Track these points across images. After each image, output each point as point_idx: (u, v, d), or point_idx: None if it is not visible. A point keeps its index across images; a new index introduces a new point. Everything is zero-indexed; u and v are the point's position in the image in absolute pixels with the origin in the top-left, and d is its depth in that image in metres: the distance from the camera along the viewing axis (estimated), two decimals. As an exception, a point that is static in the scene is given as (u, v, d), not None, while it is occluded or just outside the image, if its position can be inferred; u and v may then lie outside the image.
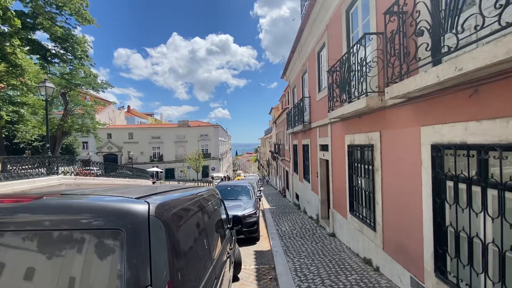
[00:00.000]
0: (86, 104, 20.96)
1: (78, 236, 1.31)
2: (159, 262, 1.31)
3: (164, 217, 1.46)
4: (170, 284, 1.33)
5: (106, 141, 41.41)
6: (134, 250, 1.27)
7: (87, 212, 1.36)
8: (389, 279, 4.14)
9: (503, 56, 1.79)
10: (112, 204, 1.41)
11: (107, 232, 1.30)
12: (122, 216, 1.34)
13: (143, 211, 1.38)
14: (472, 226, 2.55)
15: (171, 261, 1.37)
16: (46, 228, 1.33)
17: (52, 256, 1.30)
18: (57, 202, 1.45)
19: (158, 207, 1.47)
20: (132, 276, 1.23)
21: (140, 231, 1.31)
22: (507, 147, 2.12)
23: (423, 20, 2.76)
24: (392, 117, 3.98)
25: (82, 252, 1.29)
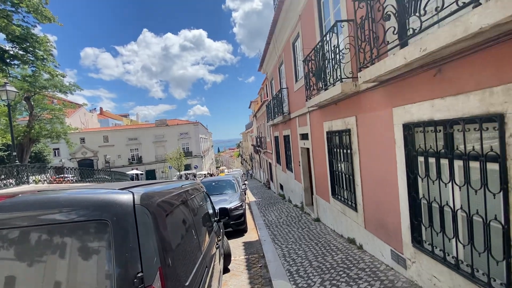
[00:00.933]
0: (54, 108, 19.75)
1: (62, 230, 1.27)
2: (148, 249, 1.31)
3: (149, 206, 1.45)
4: (161, 269, 1.33)
5: (79, 146, 39.44)
6: (122, 239, 1.26)
7: (69, 205, 1.33)
8: (372, 255, 4.38)
9: (461, 34, 1.93)
10: (96, 195, 1.38)
11: (93, 224, 1.28)
12: (107, 207, 1.31)
13: (128, 200, 1.36)
14: (442, 196, 2.76)
15: (160, 247, 1.37)
16: (26, 225, 1.28)
17: (37, 253, 1.26)
18: (35, 197, 1.39)
19: (143, 196, 1.46)
20: (122, 265, 1.22)
21: (126, 220, 1.30)
22: (469, 120, 2.31)
23: (389, 5, 2.88)
24: (366, 101, 4.14)
25: (67, 246, 1.26)
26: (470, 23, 1.84)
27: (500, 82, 2.01)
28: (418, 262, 3.20)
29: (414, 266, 3.29)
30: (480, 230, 2.34)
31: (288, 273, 4.19)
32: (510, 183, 2.00)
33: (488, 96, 2.10)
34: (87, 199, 1.35)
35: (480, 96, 2.16)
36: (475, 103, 2.21)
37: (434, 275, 2.94)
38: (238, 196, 8.18)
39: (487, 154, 2.18)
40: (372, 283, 3.50)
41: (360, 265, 4.08)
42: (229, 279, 4.49)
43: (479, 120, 2.20)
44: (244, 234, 7.42)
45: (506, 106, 1.97)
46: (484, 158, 2.21)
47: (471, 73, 2.26)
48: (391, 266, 3.85)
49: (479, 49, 2.14)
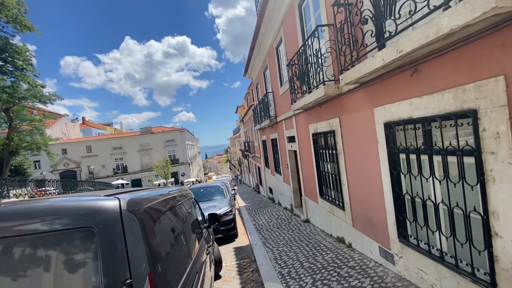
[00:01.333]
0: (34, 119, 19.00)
1: (46, 240, 1.22)
2: (137, 255, 1.28)
3: (137, 212, 1.42)
4: (150, 275, 1.30)
5: (61, 158, 38.00)
6: (109, 246, 1.23)
7: (52, 213, 1.28)
8: (361, 253, 4.45)
9: (434, 36, 2.03)
10: (81, 203, 1.34)
11: (78, 232, 1.24)
12: (93, 214, 1.28)
13: (114, 207, 1.33)
14: (424, 191, 2.86)
15: (149, 253, 1.34)
16: (7, 236, 1.22)
17: (20, 266, 1.20)
18: (16, 207, 1.33)
19: (130, 202, 1.43)
20: (110, 272, 1.19)
21: (113, 227, 1.27)
22: (445, 116, 2.42)
23: (366, 9, 2.99)
24: (349, 103, 4.25)
25: (52, 257, 1.21)
26: (441, 25, 1.95)
27: (471, 79, 2.13)
28: (405, 256, 3.29)
29: (401, 261, 3.37)
30: (461, 222, 2.43)
31: (280, 276, 4.19)
32: (486, 175, 2.10)
33: (461, 93, 2.21)
34: (72, 206, 1.31)
35: (454, 94, 2.28)
36: (450, 101, 2.32)
37: (420, 268, 3.03)
38: (227, 202, 8.12)
39: (463, 148, 2.29)
40: (362, 280, 3.55)
41: (350, 263, 4.14)
42: (221, 285, 4.42)
43: (454, 116, 2.31)
44: (235, 240, 7.36)
45: (478, 102, 2.08)
46: (460, 152, 2.32)
47: (445, 72, 2.38)
48: (380, 263, 3.92)
49: (451, 49, 2.26)
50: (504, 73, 1.89)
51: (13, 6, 13.84)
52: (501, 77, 1.89)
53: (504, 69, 1.89)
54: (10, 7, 13.70)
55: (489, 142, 2.03)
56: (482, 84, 2.03)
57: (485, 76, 2.02)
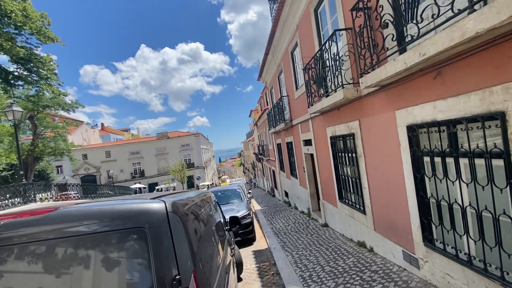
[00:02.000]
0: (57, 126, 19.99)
1: (104, 239, 1.36)
2: (182, 253, 1.39)
3: (180, 213, 1.54)
4: (195, 272, 1.41)
5: (82, 163, 39.59)
6: (159, 244, 1.34)
7: (108, 215, 1.42)
8: (383, 257, 4.40)
9: (459, 39, 2.05)
10: (131, 205, 1.47)
11: (131, 231, 1.37)
12: (143, 215, 1.40)
13: (162, 209, 1.45)
14: (450, 194, 2.83)
15: (192, 252, 1.45)
16: (69, 235, 1.36)
17: (81, 260, 1.34)
18: (76, 209, 1.48)
19: (173, 204, 1.55)
20: (161, 268, 1.30)
21: (161, 227, 1.38)
22: (471, 119, 2.40)
23: (386, 14, 3.02)
24: (369, 105, 4.26)
25: (109, 253, 1.34)
26: (467, 28, 1.96)
27: (499, 81, 2.12)
28: (430, 261, 3.24)
29: (427, 265, 3.32)
30: (490, 225, 2.39)
31: (301, 279, 4.21)
32: (516, 177, 2.08)
33: (488, 95, 2.20)
34: (124, 209, 1.45)
35: (481, 96, 2.27)
36: (476, 103, 2.31)
37: (447, 273, 2.98)
38: (245, 205, 8.21)
39: (491, 151, 2.27)
40: (386, 284, 3.52)
41: (373, 267, 4.10)
42: (242, 287, 4.49)
43: (481, 118, 2.30)
44: (253, 243, 7.42)
45: (506, 104, 2.07)
46: (488, 155, 2.30)
47: (470, 74, 2.37)
48: (403, 267, 3.87)
49: (477, 52, 2.26)
50: (533, 75, 1.88)
51: (37, 19, 14.74)
52: (530, 79, 1.88)
53: (534, 70, 1.88)
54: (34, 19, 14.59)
55: (519, 144, 2.01)
56: (511, 86, 2.02)
57: (514, 78, 2.01)
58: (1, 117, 15.17)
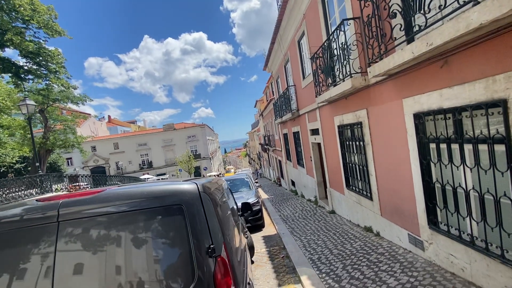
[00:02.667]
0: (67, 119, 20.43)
1: (147, 215, 1.57)
2: (214, 227, 1.60)
3: (208, 193, 1.75)
4: (225, 244, 1.62)
5: (91, 154, 40.45)
6: (195, 219, 1.55)
7: (151, 195, 1.64)
8: (389, 241, 4.59)
9: (464, 30, 2.14)
10: (170, 186, 1.68)
11: (171, 208, 1.58)
12: (180, 194, 1.62)
13: (195, 189, 1.67)
14: (455, 178, 2.97)
15: (221, 226, 1.66)
16: (116, 212, 1.58)
17: (129, 232, 1.56)
18: (122, 190, 1.69)
19: (203, 185, 1.76)
20: (198, 239, 1.52)
21: (196, 204, 1.59)
22: (476, 106, 2.51)
23: (394, 4, 3.09)
24: (376, 94, 4.35)
25: (152, 227, 1.56)
26: (471, 19, 2.06)
27: (502, 70, 2.21)
28: (435, 242, 3.41)
29: (431, 247, 3.50)
30: (491, 207, 2.54)
31: (310, 261, 4.44)
32: (517, 161, 2.20)
33: (491, 83, 2.30)
34: (165, 189, 1.68)
35: (485, 84, 2.37)
36: (481, 91, 2.42)
37: (451, 253, 3.15)
38: (253, 193, 8.47)
39: (494, 136, 2.38)
40: (392, 265, 3.72)
41: (379, 250, 4.30)
42: (255, 269, 4.76)
43: (484, 106, 2.40)
44: (262, 229, 7.70)
45: (508, 92, 2.17)
46: (491, 140, 2.41)
47: (475, 63, 2.47)
48: (409, 249, 4.05)
49: (481, 42, 2.35)
50: (535, 64, 1.97)
51: (44, 12, 14.87)
52: (532, 68, 1.98)
53: (536, 59, 1.97)
54: (42, 13, 14.73)
55: (520, 130, 2.13)
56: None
57: (517, 66, 2.10)
58: (12, 111, 15.58)
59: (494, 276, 2.58)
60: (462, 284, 2.89)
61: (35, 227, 1.54)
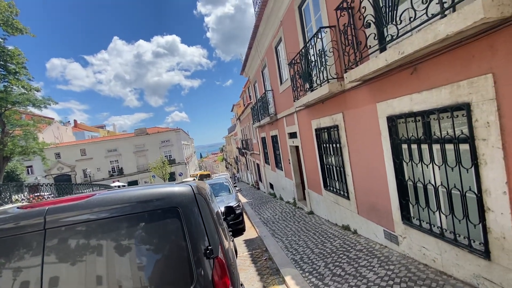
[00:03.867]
0: (28, 124, 18.84)
1: (141, 219, 1.52)
2: (211, 228, 1.58)
3: (203, 195, 1.73)
4: (221, 245, 1.61)
5: (55, 162, 37.57)
6: (191, 221, 1.53)
7: (144, 198, 1.58)
8: (366, 238, 4.82)
9: (432, 40, 2.36)
10: (163, 189, 1.64)
11: (166, 210, 1.54)
12: (176, 197, 1.58)
13: (190, 191, 1.64)
14: (425, 176, 3.22)
15: (216, 227, 1.65)
16: (108, 217, 1.50)
17: (123, 237, 1.49)
18: (114, 194, 1.62)
19: (197, 188, 1.73)
20: (195, 241, 1.49)
21: (192, 206, 1.57)
22: (442, 109, 2.76)
23: (369, 14, 3.32)
24: (352, 99, 4.59)
25: (148, 230, 1.50)
26: (439, 30, 2.28)
27: (465, 77, 2.47)
28: (408, 237, 3.65)
29: (405, 241, 3.74)
30: (458, 201, 2.79)
31: (293, 261, 4.52)
32: (479, 159, 2.46)
33: (456, 89, 2.55)
34: (159, 192, 1.61)
35: (450, 89, 2.62)
36: (446, 95, 2.67)
37: (423, 246, 3.39)
38: (234, 197, 8.43)
39: (459, 137, 2.64)
40: (370, 260, 3.91)
41: (357, 247, 4.50)
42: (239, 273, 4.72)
43: (450, 109, 2.66)
44: (243, 233, 7.66)
45: (471, 96, 2.43)
46: (457, 140, 2.67)
47: (441, 70, 2.72)
48: (385, 245, 4.29)
49: (447, 51, 2.60)
50: (492, 71, 2.23)
51: (5, 9, 13.73)
52: (489, 75, 2.24)
53: (492, 68, 2.23)
54: (2, 10, 13.59)
55: (481, 131, 2.38)
56: (474, 81, 2.37)
57: (476, 73, 2.36)
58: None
59: (463, 264, 2.82)
60: (434, 274, 3.12)
61: (19, 236, 1.41)
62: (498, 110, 2.22)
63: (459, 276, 2.90)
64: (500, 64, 2.18)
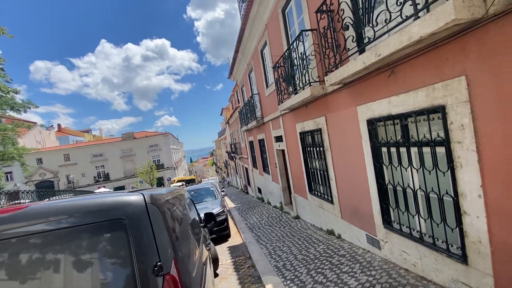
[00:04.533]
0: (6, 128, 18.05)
1: (82, 232, 1.36)
2: (163, 242, 1.44)
3: (158, 204, 1.59)
4: (175, 260, 1.47)
5: (36, 168, 36.20)
6: (139, 234, 1.38)
7: (86, 209, 1.42)
8: (350, 242, 4.76)
9: (406, 42, 2.33)
10: (111, 198, 1.48)
11: (111, 223, 1.39)
12: (123, 207, 1.44)
13: (141, 201, 1.49)
14: (404, 179, 3.18)
15: (171, 241, 1.51)
16: (45, 230, 1.34)
17: (60, 254, 1.33)
18: (51, 205, 1.45)
19: (152, 196, 1.59)
20: (142, 256, 1.35)
21: (141, 217, 1.43)
22: (419, 112, 2.74)
23: (347, 17, 3.29)
24: (334, 102, 4.56)
25: (89, 245, 1.35)
26: (413, 32, 2.25)
27: (440, 79, 2.45)
28: (389, 241, 3.60)
29: (386, 245, 3.69)
30: (436, 204, 2.76)
31: (275, 269, 4.40)
32: (455, 161, 2.43)
33: (431, 91, 2.53)
34: (104, 202, 1.46)
35: (426, 92, 2.60)
36: (423, 98, 2.64)
37: (403, 250, 3.34)
38: (219, 203, 8.25)
39: (435, 140, 2.61)
40: (353, 266, 3.84)
41: (341, 252, 4.43)
42: (219, 282, 4.57)
43: (426, 112, 2.63)
44: (228, 239, 7.49)
45: (446, 99, 2.40)
46: (433, 143, 2.64)
47: (417, 73, 2.70)
48: (367, 250, 4.23)
49: (422, 53, 2.58)
50: (465, 74, 2.21)
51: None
52: (463, 77, 2.22)
53: (465, 70, 2.22)
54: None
55: (456, 133, 2.36)
56: (448, 83, 2.36)
57: (450, 76, 2.34)
58: None
59: (442, 269, 2.78)
60: (414, 280, 3.07)
61: None
62: (471, 113, 2.21)
63: (439, 281, 2.86)
64: (472, 66, 2.16)
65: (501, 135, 2.04)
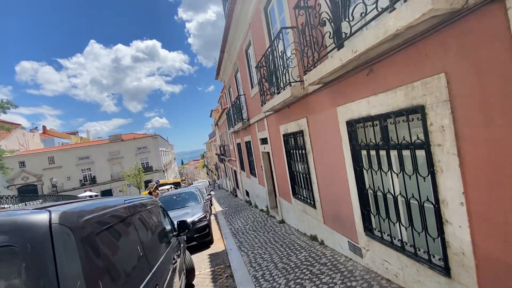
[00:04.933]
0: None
1: None
2: (69, 274, 1.16)
3: (73, 224, 1.30)
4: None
5: (19, 171, 34.87)
6: (34, 266, 1.10)
7: None
8: (332, 249, 4.55)
9: (383, 36, 2.13)
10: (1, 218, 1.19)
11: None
12: (15, 230, 1.14)
13: (43, 221, 1.20)
14: (384, 184, 2.99)
15: (87, 270, 1.23)
16: None
17: None
18: None
19: (64, 215, 1.30)
20: None
21: (39, 244, 1.14)
22: (398, 113, 2.55)
23: (324, 12, 3.09)
24: (314, 103, 4.36)
25: None
26: (389, 25, 2.05)
27: (419, 77, 2.26)
28: (371, 249, 3.41)
29: (368, 253, 3.49)
30: (417, 212, 2.57)
31: (254, 279, 4.14)
32: (435, 166, 2.24)
33: (411, 90, 2.35)
34: None
35: (405, 91, 2.41)
36: (402, 97, 2.46)
37: (385, 259, 3.15)
38: (201, 208, 7.94)
39: (415, 142, 2.42)
40: (333, 276, 3.62)
41: (322, 260, 4.21)
42: (194, 294, 4.28)
43: (406, 112, 2.44)
44: (210, 246, 7.20)
45: (425, 98, 2.22)
46: (413, 146, 2.45)
47: (396, 71, 2.51)
48: (349, 257, 4.03)
49: (400, 49, 2.40)
50: (445, 71, 2.03)
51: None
52: (442, 74, 2.03)
53: (445, 66, 2.03)
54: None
55: (436, 135, 2.17)
56: (428, 81, 2.17)
57: (430, 73, 2.15)
58: None
59: (424, 281, 2.59)
60: (395, 291, 2.87)
61: None
62: (452, 113, 2.02)
63: (421, 294, 2.66)
64: (452, 62, 1.98)
65: (484, 138, 1.86)
